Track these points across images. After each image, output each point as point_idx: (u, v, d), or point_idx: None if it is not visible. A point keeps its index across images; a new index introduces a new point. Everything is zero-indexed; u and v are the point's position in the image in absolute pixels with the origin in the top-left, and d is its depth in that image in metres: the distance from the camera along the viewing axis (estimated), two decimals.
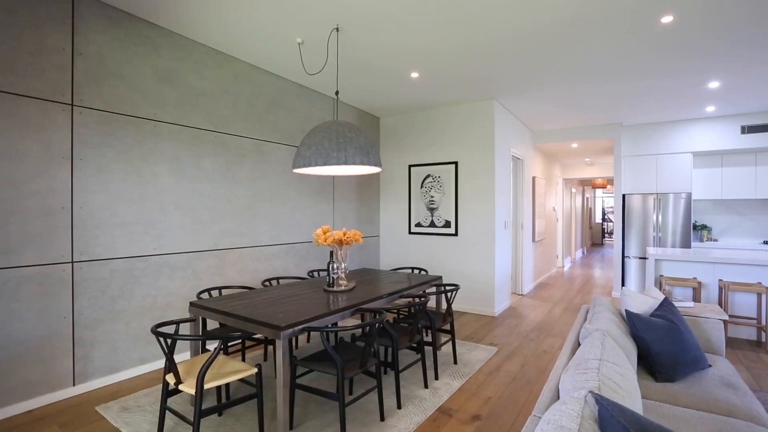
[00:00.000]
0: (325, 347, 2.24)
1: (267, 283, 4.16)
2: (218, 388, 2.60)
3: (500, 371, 3.38)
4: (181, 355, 3.55)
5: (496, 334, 4.43)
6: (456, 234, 5.48)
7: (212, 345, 3.75)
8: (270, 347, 3.84)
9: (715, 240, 6.41)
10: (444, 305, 5.32)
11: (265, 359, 3.58)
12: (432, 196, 5.69)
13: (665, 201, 6.27)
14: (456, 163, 5.48)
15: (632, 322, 2.25)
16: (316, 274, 4.72)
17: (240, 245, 4.00)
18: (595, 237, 17.21)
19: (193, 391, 1.99)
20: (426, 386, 3.01)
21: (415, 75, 4.35)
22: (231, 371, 2.20)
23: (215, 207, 3.77)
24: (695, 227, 6.57)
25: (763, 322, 4.08)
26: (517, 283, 6.58)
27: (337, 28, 3.30)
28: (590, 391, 1.20)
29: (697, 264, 4.53)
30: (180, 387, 2.05)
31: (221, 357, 2.41)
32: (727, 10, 2.97)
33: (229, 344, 3.82)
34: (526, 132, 6.83)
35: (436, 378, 3.18)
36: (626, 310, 2.33)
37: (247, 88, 4.08)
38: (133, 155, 3.17)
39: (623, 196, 6.59)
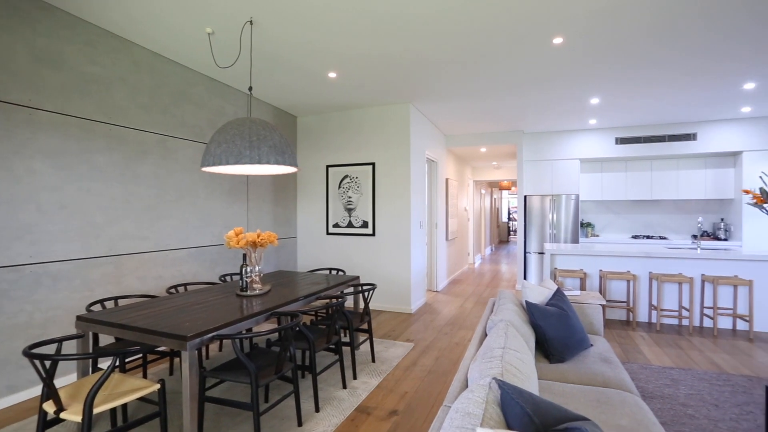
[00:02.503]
0: (237, 355, 2.13)
1: (173, 291, 3.83)
2: (113, 411, 2.33)
3: (416, 366, 3.51)
4: (68, 378, 3.12)
5: (412, 330, 4.59)
6: (373, 234, 5.57)
7: (108, 363, 3.36)
8: (177, 360, 3.55)
9: (597, 236, 7.35)
10: (362, 305, 5.37)
11: (171, 373, 3.29)
12: (350, 197, 5.72)
13: (558, 202, 7.02)
14: (373, 164, 5.57)
15: (531, 312, 2.48)
16: (228, 278, 4.46)
17: (141, 250, 3.63)
18: (502, 235, 18.70)
19: (79, 418, 1.76)
20: (344, 387, 3.02)
21: (332, 75, 4.33)
22: (128, 390, 1.99)
23: (111, 208, 3.38)
24: (582, 225, 7.46)
25: (631, 304, 4.78)
26: (432, 281, 6.89)
27: (251, 21, 3.16)
28: (494, 378, 1.31)
29: (583, 257, 5.15)
30: (62, 415, 1.80)
31: (117, 375, 2.16)
32: (605, 37, 3.42)
33: (126, 360, 3.45)
34: (440, 135, 7.19)
35: (355, 377, 3.20)
36: (526, 301, 2.57)
37: (149, 78, 3.72)
38: (0, 147, 2.71)
39: (525, 197, 7.25)
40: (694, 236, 6.76)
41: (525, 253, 7.21)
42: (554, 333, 2.43)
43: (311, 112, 5.85)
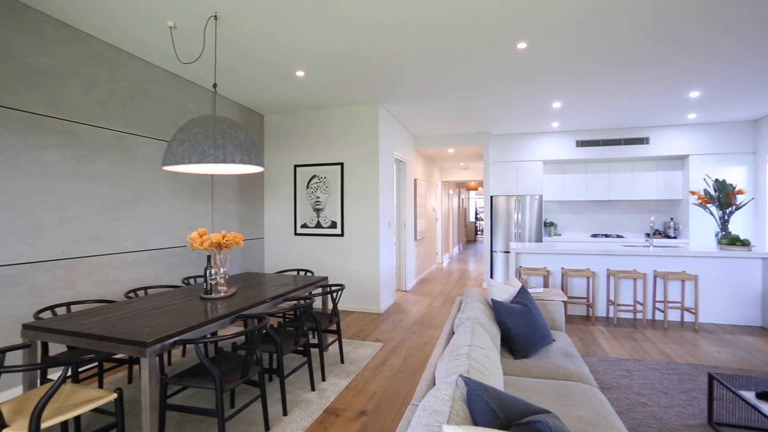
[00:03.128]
0: (200, 360, 2.07)
1: (132, 295, 3.67)
2: (64, 424, 2.20)
3: (385, 365, 3.52)
4: (13, 392, 2.92)
5: (381, 330, 4.60)
6: (342, 234, 5.55)
7: (59, 374, 3.17)
8: (136, 367, 3.40)
9: (560, 235, 7.63)
10: (330, 306, 5.34)
11: (130, 381, 3.15)
12: (318, 197, 5.67)
13: (523, 202, 7.24)
14: (342, 164, 5.55)
15: (496, 309, 2.55)
16: (192, 281, 4.31)
17: (96, 252, 3.45)
18: (470, 234, 19.07)
19: None
20: (313, 389, 2.99)
21: (300, 74, 4.28)
22: (81, 401, 1.89)
23: (62, 208, 3.19)
24: (545, 224, 7.72)
25: (591, 300, 4.99)
26: (400, 280, 6.93)
27: (216, 16, 3.07)
28: (460, 375, 1.33)
29: (546, 255, 5.33)
30: None
31: (69, 386, 2.04)
32: (565, 45, 3.55)
33: (80, 370, 3.27)
34: (409, 136, 7.24)
35: (324, 379, 3.17)
36: (492, 299, 2.64)
37: (105, 72, 3.54)
38: None
39: (491, 197, 7.42)
40: (648, 234, 7.13)
41: (491, 252, 7.38)
42: (519, 329, 2.50)
43: (279, 110, 5.75)
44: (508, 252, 7.28)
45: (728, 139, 6.50)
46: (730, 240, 4.80)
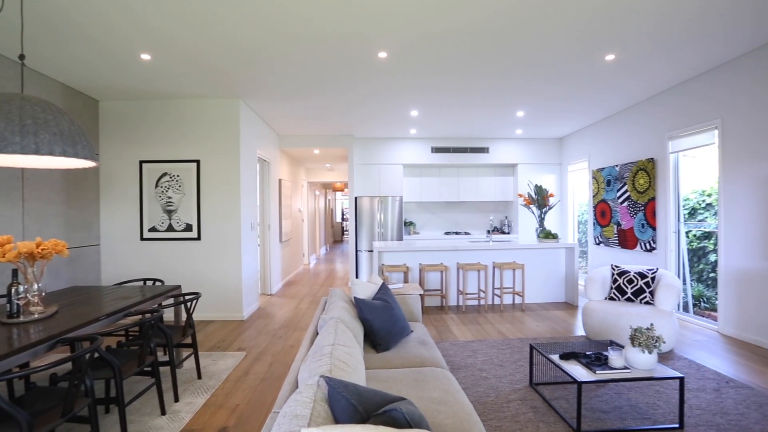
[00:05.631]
0: None
1: None
2: None
3: (249, 375, 3.34)
4: None
5: (244, 337, 4.35)
6: (199, 238, 5.07)
7: None
8: None
9: (418, 233, 8.31)
10: (185, 317, 4.83)
11: None
12: (170, 197, 5.07)
13: (385, 203, 7.67)
14: (198, 161, 5.07)
15: (359, 307, 2.64)
16: None
17: None
18: (336, 235, 19.37)
19: None
20: (163, 413, 2.66)
21: (147, 57, 3.76)
22: None
23: None
24: (405, 224, 8.31)
25: (444, 292, 5.57)
26: (266, 284, 6.66)
27: None
28: (322, 376, 1.34)
29: (406, 253, 5.74)
30: None
31: None
32: (421, 57, 3.88)
33: None
34: (273, 135, 7.00)
35: (177, 400, 2.85)
36: (354, 297, 2.73)
37: None
38: None
39: (356, 198, 7.67)
40: (488, 231, 8.26)
41: (356, 251, 7.63)
42: (380, 324, 2.64)
43: (120, 97, 4.95)
44: (371, 251, 7.63)
45: (544, 152, 7.98)
46: (545, 234, 5.88)
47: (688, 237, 5.04)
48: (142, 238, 5.08)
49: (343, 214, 20.97)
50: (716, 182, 4.39)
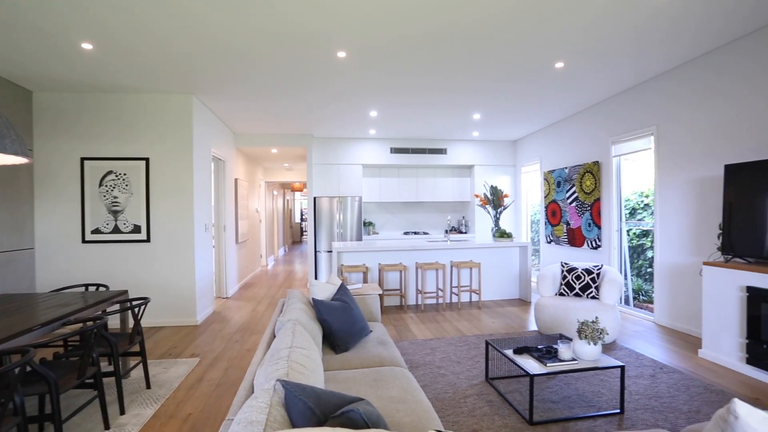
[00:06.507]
0: None
1: None
2: None
3: (202, 382, 3.21)
4: None
5: (198, 343, 4.18)
6: (148, 240, 4.81)
7: None
8: None
9: (377, 233, 8.34)
10: (132, 324, 4.57)
11: None
12: (115, 197, 4.77)
13: (345, 203, 7.64)
14: (147, 159, 4.81)
15: (317, 308, 2.61)
16: None
17: None
18: (295, 235, 19.05)
19: None
20: (107, 427, 2.50)
21: (88, 46, 3.52)
22: None
23: None
24: (365, 224, 8.31)
25: (403, 291, 5.63)
26: (221, 287, 6.44)
27: None
28: (278, 380, 1.31)
29: (365, 253, 5.74)
30: None
31: None
32: (382, 58, 3.90)
33: None
34: (229, 133, 6.78)
35: (122, 412, 2.69)
36: (313, 299, 2.69)
37: None
38: None
39: (315, 198, 7.58)
40: (446, 231, 8.43)
41: (316, 252, 7.54)
42: (339, 325, 2.63)
43: (58, 88, 4.59)
44: (331, 251, 7.57)
45: (499, 154, 8.26)
46: (500, 233, 6.09)
47: (629, 235, 5.41)
48: (84, 241, 4.75)
49: (302, 215, 20.66)
50: (653, 184, 4.74)
